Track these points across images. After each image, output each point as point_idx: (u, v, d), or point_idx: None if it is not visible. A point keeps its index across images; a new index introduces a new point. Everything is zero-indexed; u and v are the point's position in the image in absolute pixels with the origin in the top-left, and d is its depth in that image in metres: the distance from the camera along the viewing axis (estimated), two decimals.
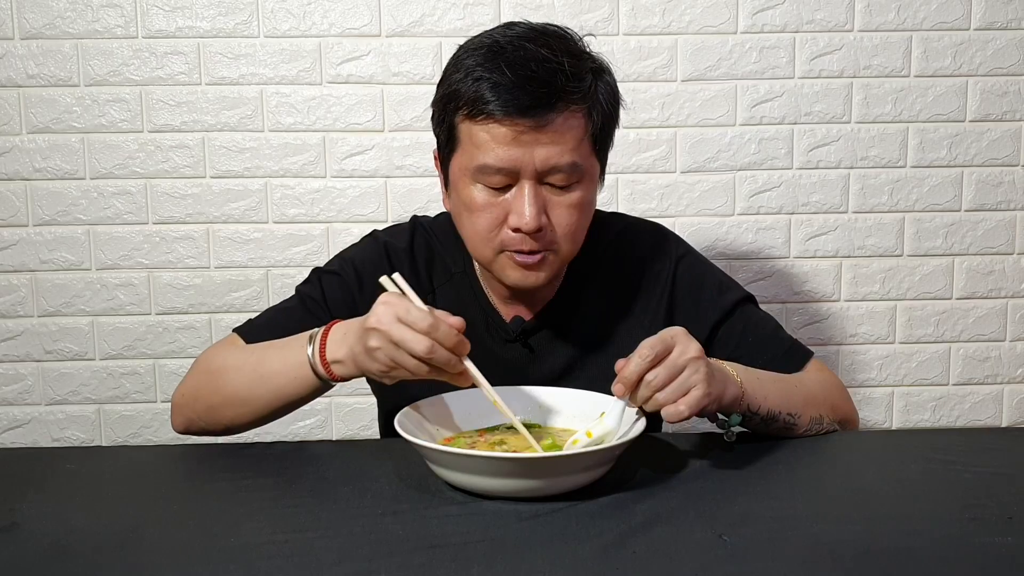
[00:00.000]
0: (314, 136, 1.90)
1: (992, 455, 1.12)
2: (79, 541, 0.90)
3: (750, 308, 1.33)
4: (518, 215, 1.15)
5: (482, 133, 1.13)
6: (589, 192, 1.20)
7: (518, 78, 1.11)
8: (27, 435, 1.96)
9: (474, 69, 1.13)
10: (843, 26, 1.90)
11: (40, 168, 1.89)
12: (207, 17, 1.87)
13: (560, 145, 1.13)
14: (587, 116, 1.16)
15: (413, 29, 1.88)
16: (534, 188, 1.15)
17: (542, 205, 1.16)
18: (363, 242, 1.36)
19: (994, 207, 1.97)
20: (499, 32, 1.17)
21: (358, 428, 1.95)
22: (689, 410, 1.00)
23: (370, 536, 0.90)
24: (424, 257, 1.32)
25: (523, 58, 1.12)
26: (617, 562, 0.84)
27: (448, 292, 1.31)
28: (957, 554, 0.86)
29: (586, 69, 1.16)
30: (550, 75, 1.11)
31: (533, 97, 1.11)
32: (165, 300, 1.93)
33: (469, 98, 1.13)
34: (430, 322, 1.01)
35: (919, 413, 2.02)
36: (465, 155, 1.16)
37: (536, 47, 1.13)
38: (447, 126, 1.18)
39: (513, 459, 0.97)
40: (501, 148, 1.13)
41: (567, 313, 1.30)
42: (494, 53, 1.13)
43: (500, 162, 1.13)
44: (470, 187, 1.17)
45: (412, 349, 1.01)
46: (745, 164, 1.94)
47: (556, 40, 1.16)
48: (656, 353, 1.01)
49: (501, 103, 1.11)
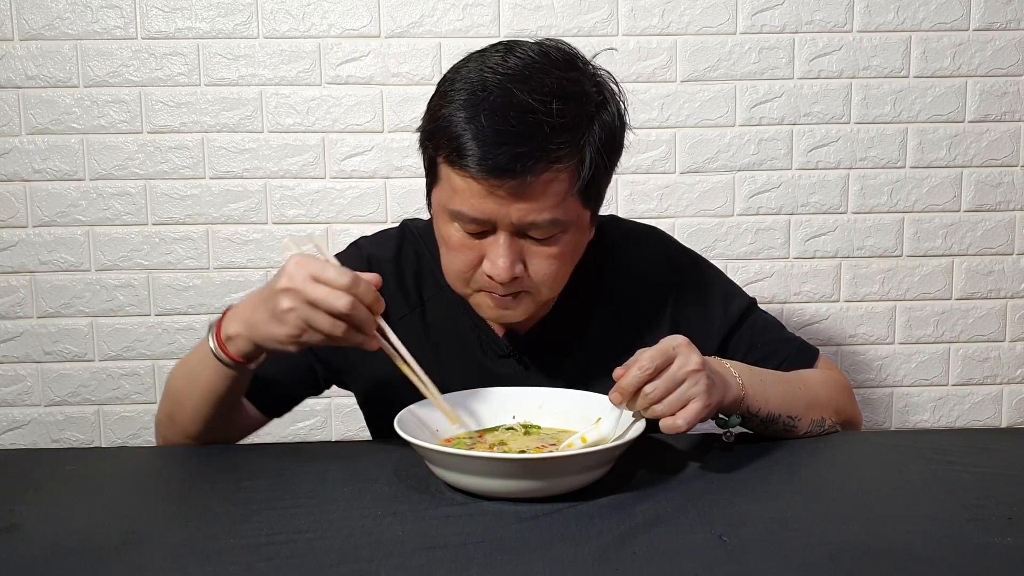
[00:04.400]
0: (313, 137, 1.90)
1: (992, 455, 1.12)
2: (79, 541, 0.90)
3: (755, 314, 1.31)
4: (491, 264, 1.09)
5: (459, 180, 1.07)
6: (573, 242, 1.14)
7: (496, 134, 1.03)
8: (27, 436, 1.96)
9: (457, 112, 1.06)
10: (842, 27, 1.91)
11: (39, 169, 1.89)
12: (206, 18, 1.87)
13: (539, 203, 1.06)
14: (574, 171, 1.08)
15: (412, 30, 1.88)
16: (509, 240, 1.09)
17: (517, 256, 1.10)
18: (346, 253, 1.31)
19: (993, 207, 1.97)
20: (495, 62, 1.08)
21: (358, 429, 1.94)
22: (687, 424, 0.99)
23: (370, 537, 0.90)
24: (412, 269, 1.27)
25: (505, 106, 1.04)
26: (617, 563, 0.84)
27: (438, 305, 1.26)
28: (957, 554, 0.86)
29: (582, 113, 1.07)
30: (532, 130, 1.03)
31: (510, 157, 1.03)
32: (164, 301, 1.93)
33: (448, 143, 1.06)
34: (350, 278, 0.98)
35: (919, 414, 2.03)
36: (443, 193, 1.11)
37: (524, 92, 1.04)
38: (429, 158, 1.13)
39: (513, 460, 0.97)
40: (476, 200, 1.06)
41: (564, 328, 1.25)
42: (479, 98, 1.05)
43: (475, 213, 1.07)
44: (448, 225, 1.12)
45: (332, 306, 0.97)
46: (744, 165, 1.94)
47: (552, 76, 1.07)
48: (656, 366, 1.00)
49: (476, 160, 1.04)
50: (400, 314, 1.25)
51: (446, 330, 1.26)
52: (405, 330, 1.24)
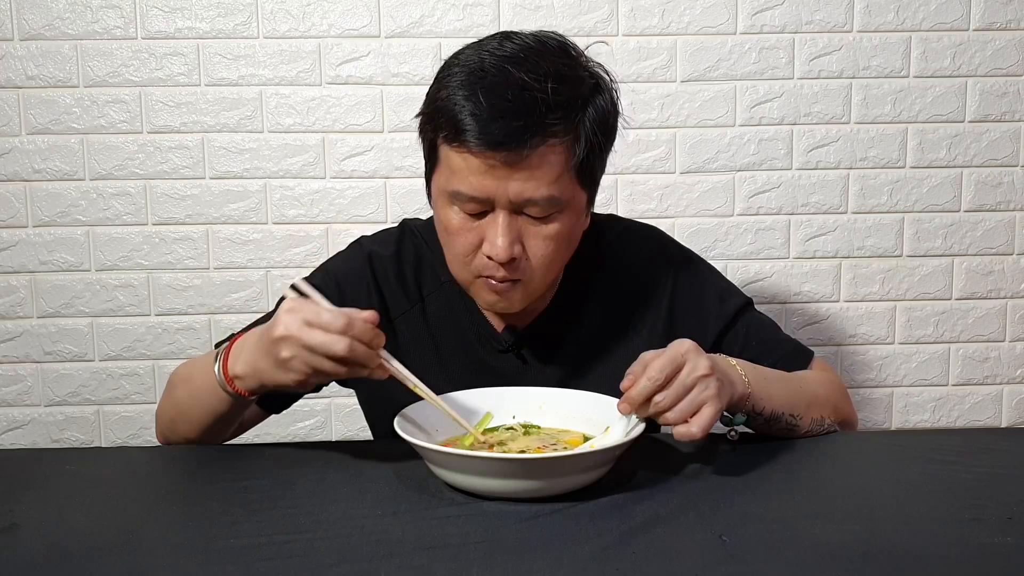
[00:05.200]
0: (313, 137, 1.90)
1: (992, 455, 1.12)
2: (79, 542, 0.90)
3: (751, 313, 1.31)
4: (490, 244, 1.12)
5: (457, 159, 1.10)
6: (569, 224, 1.15)
7: (493, 109, 1.06)
8: (26, 436, 1.96)
9: (456, 92, 1.09)
10: (842, 27, 1.91)
11: (39, 169, 1.89)
12: (206, 18, 1.87)
13: (535, 180, 1.09)
14: (569, 148, 1.11)
15: (412, 30, 1.88)
16: (508, 218, 1.11)
17: (516, 235, 1.12)
18: (347, 251, 1.33)
19: (993, 207, 1.97)
20: (492, 47, 1.12)
21: (358, 429, 1.95)
22: (701, 431, 0.99)
23: (370, 537, 0.90)
24: (412, 265, 1.28)
25: (502, 85, 1.07)
26: (617, 563, 0.84)
27: (438, 301, 1.28)
28: (957, 554, 0.86)
29: (576, 94, 1.11)
30: (528, 106, 1.07)
31: (506, 131, 1.06)
32: (164, 301, 1.93)
33: (447, 122, 1.09)
34: (344, 321, 0.98)
35: (919, 414, 2.03)
36: (442, 176, 1.14)
37: (520, 71, 1.08)
38: (429, 142, 1.16)
39: (513, 460, 0.97)
40: (475, 177, 1.09)
41: (562, 323, 1.27)
42: (476, 78, 1.09)
43: (473, 191, 1.10)
44: (447, 208, 1.14)
45: (330, 351, 0.98)
46: (744, 165, 1.94)
47: (548, 60, 1.10)
48: (666, 375, 1.00)
49: (474, 134, 1.07)
50: (401, 310, 1.27)
51: (446, 325, 1.27)
52: (406, 325, 1.26)
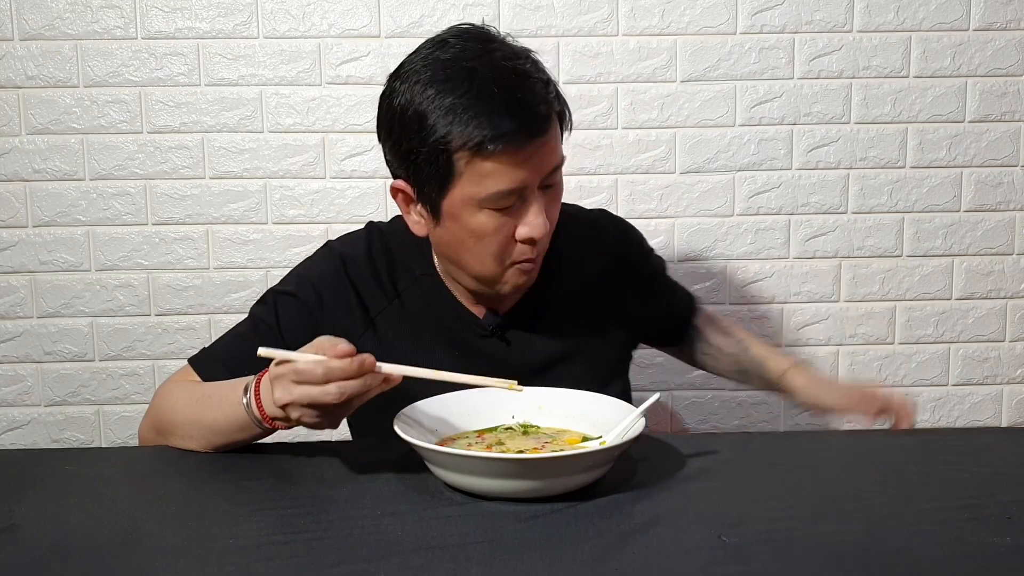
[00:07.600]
0: (313, 137, 1.90)
1: (992, 455, 1.12)
2: (79, 542, 0.90)
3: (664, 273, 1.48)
4: (530, 226, 1.14)
5: (488, 165, 1.10)
6: (561, 176, 1.20)
7: (517, 101, 1.09)
8: (26, 436, 1.96)
9: (466, 108, 1.08)
10: (842, 27, 1.90)
11: (39, 169, 1.89)
12: (206, 18, 1.87)
13: (552, 148, 1.14)
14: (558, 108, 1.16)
15: (412, 30, 1.88)
16: (540, 196, 1.15)
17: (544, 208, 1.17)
18: (318, 255, 1.32)
19: (993, 207, 1.97)
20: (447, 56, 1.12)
21: None
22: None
23: (369, 536, 0.90)
24: (384, 263, 1.29)
25: (502, 75, 1.10)
26: (617, 562, 0.84)
27: (414, 294, 1.28)
28: (957, 554, 0.86)
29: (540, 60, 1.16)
30: (533, 84, 1.11)
31: (539, 118, 1.10)
32: (164, 301, 1.93)
33: (474, 132, 1.08)
34: (323, 370, 0.98)
35: (919, 413, 2.02)
36: (468, 187, 1.12)
37: (502, 60, 1.11)
38: (437, 165, 1.12)
39: (512, 460, 0.97)
40: (512, 173, 1.11)
41: (539, 305, 1.30)
42: (474, 83, 1.09)
43: (513, 183, 1.11)
44: (476, 215, 1.14)
45: (325, 401, 0.99)
46: (744, 165, 1.94)
47: (498, 42, 1.15)
48: None
49: (515, 130, 1.08)
50: (380, 307, 1.28)
51: (426, 317, 1.29)
52: (386, 322, 1.26)
